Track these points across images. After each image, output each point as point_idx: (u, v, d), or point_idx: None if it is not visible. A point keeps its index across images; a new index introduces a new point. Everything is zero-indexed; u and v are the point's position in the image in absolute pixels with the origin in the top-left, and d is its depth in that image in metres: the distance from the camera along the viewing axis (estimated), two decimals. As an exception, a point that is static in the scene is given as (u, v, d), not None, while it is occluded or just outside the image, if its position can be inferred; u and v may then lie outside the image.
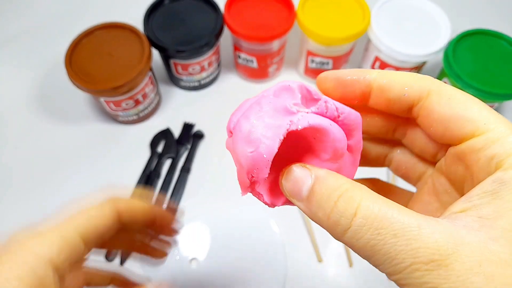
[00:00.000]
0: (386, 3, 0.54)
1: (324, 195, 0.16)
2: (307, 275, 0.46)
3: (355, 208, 0.15)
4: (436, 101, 0.18)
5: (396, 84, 0.19)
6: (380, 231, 0.15)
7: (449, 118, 0.17)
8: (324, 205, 0.16)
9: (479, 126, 0.16)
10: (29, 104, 0.58)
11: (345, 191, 0.16)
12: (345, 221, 0.15)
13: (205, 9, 0.52)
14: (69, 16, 0.67)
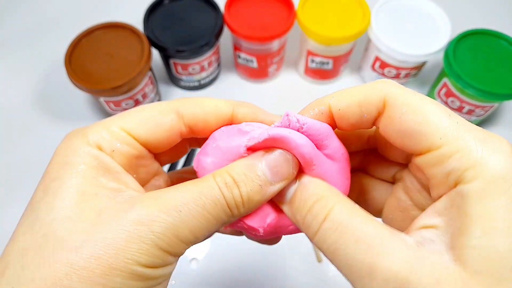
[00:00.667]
0: (386, 3, 0.54)
1: (302, 200, 0.18)
2: (307, 275, 0.46)
3: (326, 213, 0.17)
4: (391, 115, 0.17)
5: (352, 108, 0.18)
6: (343, 236, 0.16)
7: (403, 133, 0.17)
8: (302, 209, 0.18)
9: (434, 141, 0.16)
10: (28, 103, 0.58)
11: (321, 198, 0.17)
12: (315, 224, 0.17)
13: (205, 9, 0.52)
14: (69, 16, 0.67)
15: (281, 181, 0.19)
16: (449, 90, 0.51)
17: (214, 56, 0.54)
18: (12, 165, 0.53)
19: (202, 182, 0.17)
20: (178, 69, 0.54)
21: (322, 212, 0.17)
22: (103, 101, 0.49)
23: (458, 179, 0.15)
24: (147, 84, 0.51)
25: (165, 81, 0.60)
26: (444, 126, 0.16)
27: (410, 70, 0.53)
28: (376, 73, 0.56)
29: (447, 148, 0.16)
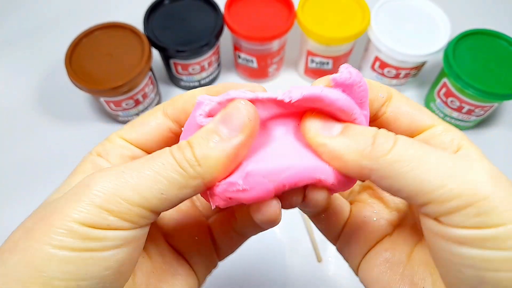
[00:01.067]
0: (386, 3, 0.54)
1: (362, 130, 0.18)
2: (307, 275, 0.46)
3: (394, 139, 0.18)
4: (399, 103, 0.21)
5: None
6: (417, 156, 0.17)
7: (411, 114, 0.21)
8: (365, 136, 0.18)
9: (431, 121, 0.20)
10: (29, 104, 0.58)
11: (382, 129, 0.19)
12: (386, 147, 0.17)
13: (205, 9, 0.52)
14: (69, 16, 0.67)
15: (240, 132, 0.18)
16: (448, 90, 0.51)
17: (214, 56, 0.54)
18: (12, 164, 0.53)
19: (157, 152, 0.18)
20: (178, 69, 0.54)
21: (390, 138, 0.18)
22: (103, 101, 0.49)
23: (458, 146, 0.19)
24: (147, 84, 0.51)
25: (165, 81, 0.60)
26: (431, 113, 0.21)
27: (410, 70, 0.53)
28: (376, 73, 0.56)
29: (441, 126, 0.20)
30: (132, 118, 0.54)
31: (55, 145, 0.54)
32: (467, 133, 0.57)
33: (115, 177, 0.16)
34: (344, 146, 0.18)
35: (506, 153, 0.55)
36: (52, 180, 0.52)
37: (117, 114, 0.53)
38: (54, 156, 0.53)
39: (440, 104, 0.54)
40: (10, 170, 0.53)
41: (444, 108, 0.54)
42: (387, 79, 0.56)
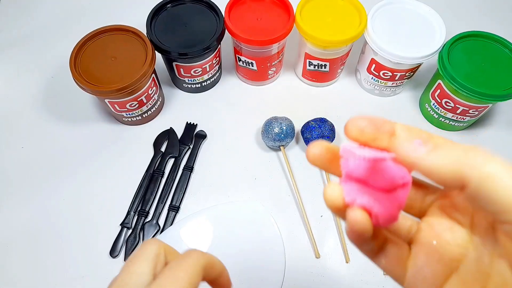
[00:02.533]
0: (383, 7, 0.55)
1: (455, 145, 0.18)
2: (305, 270, 0.47)
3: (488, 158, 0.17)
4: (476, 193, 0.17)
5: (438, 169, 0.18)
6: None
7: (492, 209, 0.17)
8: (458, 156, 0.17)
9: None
10: (34, 105, 0.59)
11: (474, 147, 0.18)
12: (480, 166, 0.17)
13: (207, 13, 0.54)
14: (73, 19, 0.68)
15: None
16: (443, 91, 0.52)
17: (215, 59, 0.55)
18: (18, 165, 0.54)
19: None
20: (180, 71, 0.55)
21: (483, 155, 0.17)
22: (108, 102, 0.51)
23: None
24: (150, 86, 0.52)
25: (168, 83, 0.62)
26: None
27: (405, 72, 0.54)
28: (372, 76, 0.57)
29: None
30: (136, 119, 0.56)
31: (60, 146, 0.55)
32: (462, 133, 0.58)
33: None
34: (441, 157, 0.17)
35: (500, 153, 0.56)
36: (58, 180, 0.53)
37: (122, 115, 0.54)
38: (60, 156, 0.55)
39: (434, 105, 0.55)
40: (16, 171, 0.54)
41: (438, 109, 0.55)
42: (383, 81, 0.57)
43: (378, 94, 0.61)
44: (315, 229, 0.50)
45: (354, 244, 0.21)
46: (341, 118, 0.57)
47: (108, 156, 0.55)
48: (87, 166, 0.54)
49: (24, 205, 0.51)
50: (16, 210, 0.50)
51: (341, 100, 0.61)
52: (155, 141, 0.56)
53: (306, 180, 0.53)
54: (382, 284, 0.47)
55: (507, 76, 0.50)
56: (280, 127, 0.52)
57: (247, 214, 0.50)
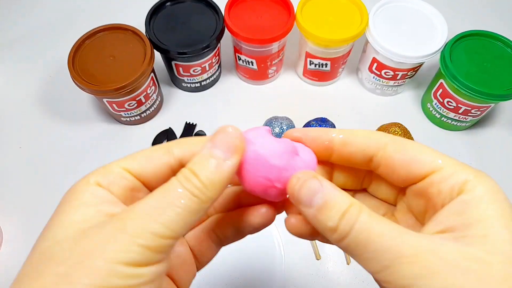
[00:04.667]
0: (384, 6, 0.55)
1: (334, 207, 0.19)
2: (306, 272, 0.47)
3: (355, 218, 0.19)
4: (394, 150, 0.21)
5: (356, 138, 0.22)
6: (371, 233, 0.18)
7: (408, 161, 0.20)
8: (333, 216, 0.19)
9: (435, 165, 0.20)
10: (32, 105, 0.58)
11: (351, 205, 0.19)
12: (347, 227, 0.18)
13: (206, 12, 0.53)
14: (71, 18, 0.68)
15: (233, 154, 0.20)
16: (445, 91, 0.52)
17: (215, 58, 0.55)
18: (16, 165, 0.54)
19: (166, 185, 0.19)
20: (180, 70, 0.55)
21: (353, 216, 0.19)
22: (106, 102, 0.50)
23: (459, 191, 0.19)
24: (149, 85, 0.52)
25: (167, 82, 0.61)
26: (438, 154, 0.20)
27: (407, 71, 0.54)
28: (374, 75, 0.56)
29: (447, 169, 0.19)
30: (134, 119, 0.55)
31: (58, 146, 0.55)
32: (464, 133, 0.58)
33: (143, 219, 0.18)
34: (315, 220, 0.20)
35: (502, 153, 0.56)
36: (56, 180, 0.53)
37: (120, 115, 0.53)
38: (58, 156, 0.54)
39: (436, 104, 0.55)
40: (14, 171, 0.53)
41: (440, 108, 0.55)
42: (385, 81, 0.56)
43: (380, 94, 0.60)
44: (316, 230, 0.49)
45: None
46: (342, 118, 0.57)
47: (106, 156, 0.54)
48: (85, 166, 0.53)
49: (22, 205, 0.50)
50: (14, 210, 0.50)
51: (342, 99, 0.60)
52: (154, 141, 0.55)
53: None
54: (383, 286, 0.46)
55: (509, 76, 0.49)
56: (281, 126, 0.52)
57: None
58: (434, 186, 0.20)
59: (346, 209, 0.19)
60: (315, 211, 0.19)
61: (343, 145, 0.22)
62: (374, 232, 0.18)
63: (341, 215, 0.19)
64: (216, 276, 0.46)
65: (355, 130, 0.22)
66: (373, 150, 0.22)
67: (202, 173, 0.19)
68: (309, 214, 0.20)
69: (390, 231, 0.18)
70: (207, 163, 0.19)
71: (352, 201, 0.19)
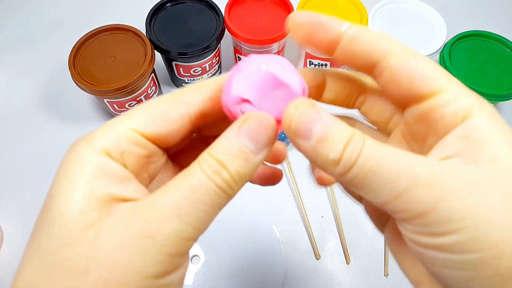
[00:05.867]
0: (383, 6, 0.55)
1: (337, 137, 0.17)
2: (305, 272, 0.47)
3: (361, 145, 0.17)
4: (401, 60, 0.19)
5: (367, 37, 0.19)
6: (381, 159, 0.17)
7: (413, 75, 0.18)
8: (337, 145, 0.17)
9: (442, 84, 0.18)
10: (33, 105, 0.59)
11: (353, 134, 0.17)
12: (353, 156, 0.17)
13: (206, 13, 0.54)
14: (72, 19, 0.68)
15: (265, 148, 0.18)
16: (444, 91, 0.52)
17: (215, 58, 0.55)
18: (16, 165, 0.54)
19: (191, 176, 0.17)
20: (180, 71, 0.55)
21: (358, 145, 0.17)
22: (107, 102, 0.50)
23: (465, 116, 0.17)
24: (150, 86, 0.52)
25: (167, 83, 0.61)
26: (447, 75, 0.18)
27: (407, 71, 0.54)
28: (374, 75, 0.57)
29: (453, 91, 0.18)
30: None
31: (59, 146, 0.55)
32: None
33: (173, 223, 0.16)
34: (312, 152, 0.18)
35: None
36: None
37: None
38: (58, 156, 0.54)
39: (436, 105, 0.55)
40: (15, 171, 0.53)
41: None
42: (385, 81, 0.57)
43: (379, 94, 0.60)
44: (315, 230, 0.49)
45: None
46: (341, 118, 0.57)
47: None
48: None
49: (23, 205, 0.50)
50: (15, 210, 0.50)
51: (341, 99, 0.60)
52: (155, 141, 0.55)
53: (306, 180, 0.53)
54: (383, 285, 0.46)
55: (508, 76, 0.50)
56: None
57: (246, 215, 0.50)
58: (438, 109, 0.18)
59: (349, 138, 0.17)
60: (314, 143, 0.17)
61: (350, 41, 0.19)
62: (384, 157, 0.16)
63: (344, 144, 0.17)
64: (215, 275, 0.46)
65: (368, 29, 0.20)
66: (381, 54, 0.19)
67: (232, 166, 0.17)
68: (307, 148, 0.17)
69: (401, 155, 0.16)
70: (238, 155, 0.17)
71: (354, 130, 0.17)
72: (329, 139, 0.17)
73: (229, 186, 0.17)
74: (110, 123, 0.18)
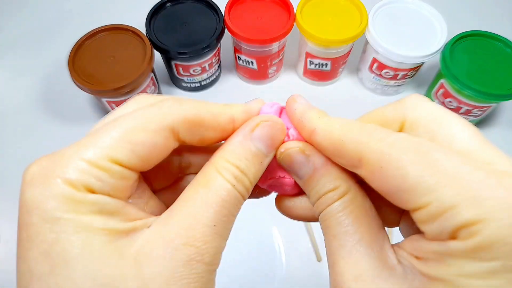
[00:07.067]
0: (384, 6, 0.54)
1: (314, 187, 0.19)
2: (306, 274, 0.47)
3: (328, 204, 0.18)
4: (371, 175, 0.16)
5: (329, 145, 0.18)
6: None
7: (387, 192, 0.16)
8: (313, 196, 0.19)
9: (417, 200, 0.14)
10: (32, 105, 0.58)
11: (338, 186, 0.18)
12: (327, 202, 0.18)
13: (206, 12, 0.53)
14: (72, 19, 0.68)
15: (274, 150, 0.19)
16: (446, 91, 0.52)
17: (215, 58, 0.55)
18: (15, 165, 0.54)
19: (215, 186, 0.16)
20: (179, 70, 0.54)
21: (327, 201, 0.18)
22: (106, 102, 0.50)
23: (450, 237, 0.14)
24: (149, 85, 0.52)
25: (167, 82, 0.61)
26: (426, 179, 0.14)
27: (408, 71, 0.54)
28: (374, 75, 0.56)
29: (432, 208, 0.14)
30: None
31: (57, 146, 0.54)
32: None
33: (214, 240, 0.16)
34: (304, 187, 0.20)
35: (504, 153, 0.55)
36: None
37: (120, 115, 0.53)
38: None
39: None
40: (13, 171, 0.53)
41: (441, 108, 0.54)
42: (385, 80, 0.56)
43: (380, 93, 0.60)
44: (316, 231, 0.49)
45: None
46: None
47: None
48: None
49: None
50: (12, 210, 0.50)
51: (342, 99, 0.60)
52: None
53: (306, 180, 0.52)
54: (384, 287, 0.46)
55: (509, 76, 0.49)
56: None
57: (248, 218, 0.50)
58: (419, 223, 0.15)
59: (324, 192, 0.18)
60: (302, 183, 0.19)
61: (320, 149, 0.19)
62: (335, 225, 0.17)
63: (318, 197, 0.18)
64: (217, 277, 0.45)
65: (329, 132, 0.18)
66: (349, 167, 0.17)
67: (251, 172, 0.18)
68: (298, 182, 0.20)
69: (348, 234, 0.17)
70: (254, 160, 0.18)
71: (336, 184, 0.18)
72: (311, 185, 0.19)
73: (247, 192, 0.18)
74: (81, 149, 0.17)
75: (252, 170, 0.18)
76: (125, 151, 0.16)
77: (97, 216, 0.15)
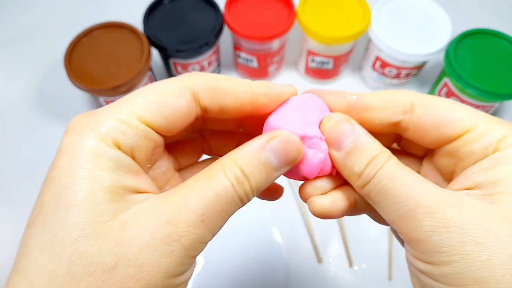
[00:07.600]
0: (387, 3, 0.54)
1: (363, 153, 0.19)
2: (307, 275, 0.46)
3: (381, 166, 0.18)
4: (423, 113, 0.19)
5: (377, 101, 0.20)
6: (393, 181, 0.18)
7: (439, 123, 0.19)
8: (362, 161, 0.18)
9: (467, 124, 0.19)
10: (28, 103, 0.58)
11: (379, 153, 0.18)
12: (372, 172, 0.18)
13: (205, 9, 0.52)
14: (68, 16, 0.67)
15: (286, 166, 0.19)
16: (449, 89, 0.51)
17: (214, 55, 0.54)
18: (11, 164, 0.53)
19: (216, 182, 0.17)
20: (177, 68, 0.53)
21: (379, 163, 0.18)
22: (103, 100, 0.49)
23: (493, 150, 0.18)
24: (146, 84, 0.51)
25: (165, 81, 0.60)
26: (470, 113, 0.19)
27: (411, 69, 0.53)
28: (377, 73, 0.55)
29: (480, 128, 0.18)
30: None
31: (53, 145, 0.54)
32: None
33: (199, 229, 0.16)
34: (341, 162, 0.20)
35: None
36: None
37: (117, 114, 0.52)
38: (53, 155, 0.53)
39: (441, 103, 0.54)
40: (9, 170, 0.52)
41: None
42: (388, 79, 0.55)
43: (382, 92, 0.59)
44: (317, 232, 0.48)
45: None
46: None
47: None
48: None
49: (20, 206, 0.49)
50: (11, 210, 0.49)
51: (344, 98, 0.59)
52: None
53: (307, 181, 0.52)
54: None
55: (514, 75, 0.48)
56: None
57: (247, 217, 0.49)
58: (466, 146, 0.19)
59: (374, 156, 0.18)
60: (343, 155, 0.19)
61: (364, 110, 0.20)
62: (397, 179, 0.17)
63: (368, 161, 0.18)
64: (215, 279, 0.45)
65: (373, 94, 0.20)
66: (399, 114, 0.20)
67: (253, 179, 0.18)
68: (336, 157, 0.19)
69: (413, 180, 0.17)
70: (261, 169, 0.18)
71: (382, 149, 0.19)
72: (357, 154, 0.19)
73: (247, 197, 0.18)
74: (117, 108, 0.18)
75: (257, 177, 0.18)
76: (152, 110, 0.18)
77: (112, 173, 0.16)
